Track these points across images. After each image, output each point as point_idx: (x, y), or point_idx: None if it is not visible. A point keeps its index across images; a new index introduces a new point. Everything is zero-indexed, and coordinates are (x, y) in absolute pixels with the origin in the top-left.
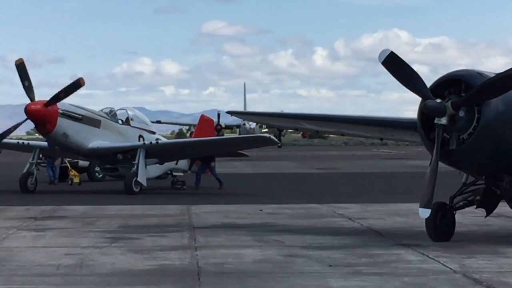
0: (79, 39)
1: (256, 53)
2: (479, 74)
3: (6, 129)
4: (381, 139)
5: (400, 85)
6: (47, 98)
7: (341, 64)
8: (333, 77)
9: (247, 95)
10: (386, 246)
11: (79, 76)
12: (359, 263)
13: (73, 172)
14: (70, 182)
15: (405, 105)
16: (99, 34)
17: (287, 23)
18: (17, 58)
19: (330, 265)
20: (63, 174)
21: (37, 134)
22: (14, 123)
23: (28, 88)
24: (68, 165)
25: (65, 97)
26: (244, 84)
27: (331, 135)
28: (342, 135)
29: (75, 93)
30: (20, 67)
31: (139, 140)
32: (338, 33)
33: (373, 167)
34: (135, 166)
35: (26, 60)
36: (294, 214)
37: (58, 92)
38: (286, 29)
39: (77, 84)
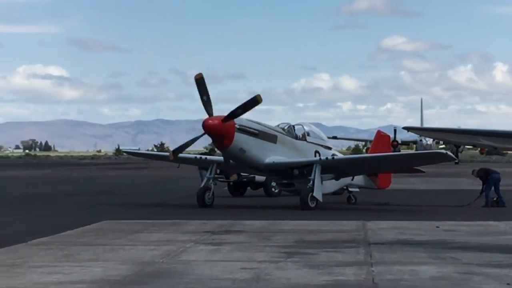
0: (259, 55)
1: (435, 69)
2: None
3: (183, 143)
4: None
5: None
6: (225, 113)
7: None
8: None
9: (424, 111)
10: None
11: (257, 92)
12: None
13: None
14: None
15: None
16: (278, 50)
17: (467, 38)
18: (197, 73)
19: (508, 284)
20: (240, 189)
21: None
22: (192, 138)
23: (207, 103)
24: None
25: (243, 114)
26: (421, 100)
27: (509, 152)
28: None
29: (253, 108)
30: (199, 81)
31: (315, 156)
32: None
33: None
34: (311, 182)
35: (205, 75)
36: (471, 231)
37: (236, 108)
38: (465, 45)
39: (254, 101)
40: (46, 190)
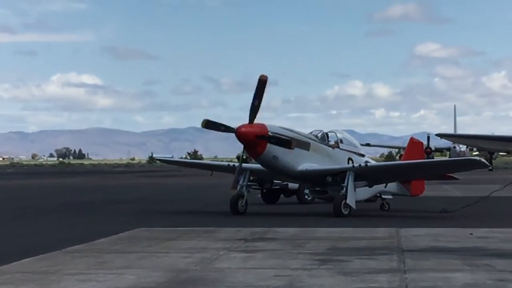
0: (292, 62)
1: (469, 75)
2: None
3: (218, 122)
4: None
5: None
6: (262, 121)
7: None
8: None
9: (458, 118)
10: None
11: (290, 99)
12: None
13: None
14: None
15: None
16: (311, 57)
17: (501, 45)
18: (262, 74)
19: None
20: (273, 197)
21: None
22: (226, 146)
23: (255, 108)
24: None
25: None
26: (454, 107)
27: None
28: None
29: (285, 115)
30: (262, 83)
31: (348, 163)
32: None
33: None
34: (344, 189)
35: (239, 83)
36: (506, 238)
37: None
38: (499, 51)
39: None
40: (80, 198)
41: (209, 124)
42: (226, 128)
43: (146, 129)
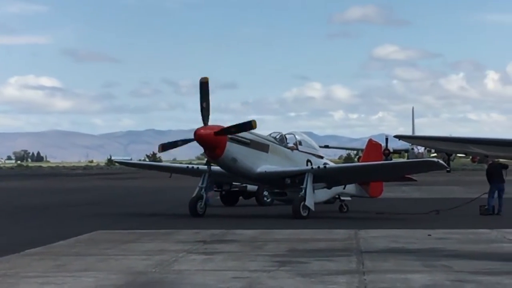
0: (251, 65)
1: (427, 77)
2: None
3: (172, 141)
4: None
5: None
6: (218, 123)
7: None
8: (505, 101)
9: (416, 120)
10: None
11: (249, 102)
12: None
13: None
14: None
15: None
16: (270, 59)
17: (458, 47)
18: (203, 77)
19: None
20: (232, 199)
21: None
22: (184, 147)
23: (205, 110)
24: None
25: (235, 133)
26: (413, 108)
27: (501, 160)
28: None
29: (243, 117)
30: (204, 85)
31: (307, 165)
32: (510, 56)
33: None
34: (303, 191)
35: (198, 85)
36: (463, 239)
37: (230, 126)
38: (457, 53)
39: (248, 125)
40: (38, 201)
41: (165, 147)
42: (183, 142)
43: (104, 132)
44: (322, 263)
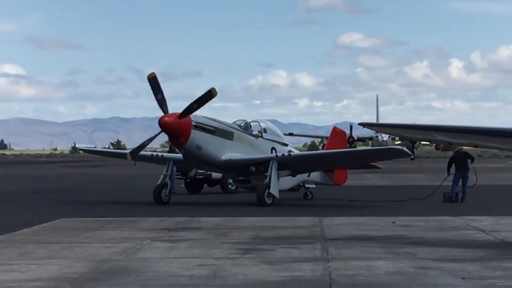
0: (216, 52)
1: (391, 65)
2: None
3: (140, 143)
4: None
5: None
6: (181, 111)
7: (476, 76)
8: (469, 89)
9: (380, 108)
10: None
11: (215, 88)
12: (493, 276)
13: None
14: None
15: None
16: (235, 47)
17: (423, 35)
18: (150, 73)
19: (463, 278)
20: (197, 186)
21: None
22: (149, 136)
23: (161, 101)
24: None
25: (198, 108)
26: (377, 96)
27: (465, 147)
28: (476, 147)
29: (208, 105)
30: (153, 81)
31: (271, 152)
32: (474, 45)
33: (508, 179)
34: (268, 178)
35: (162, 73)
36: (427, 226)
37: (191, 104)
38: (422, 41)
39: (209, 95)
40: (2, 189)
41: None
42: (149, 140)
43: (69, 119)
44: (287, 251)
